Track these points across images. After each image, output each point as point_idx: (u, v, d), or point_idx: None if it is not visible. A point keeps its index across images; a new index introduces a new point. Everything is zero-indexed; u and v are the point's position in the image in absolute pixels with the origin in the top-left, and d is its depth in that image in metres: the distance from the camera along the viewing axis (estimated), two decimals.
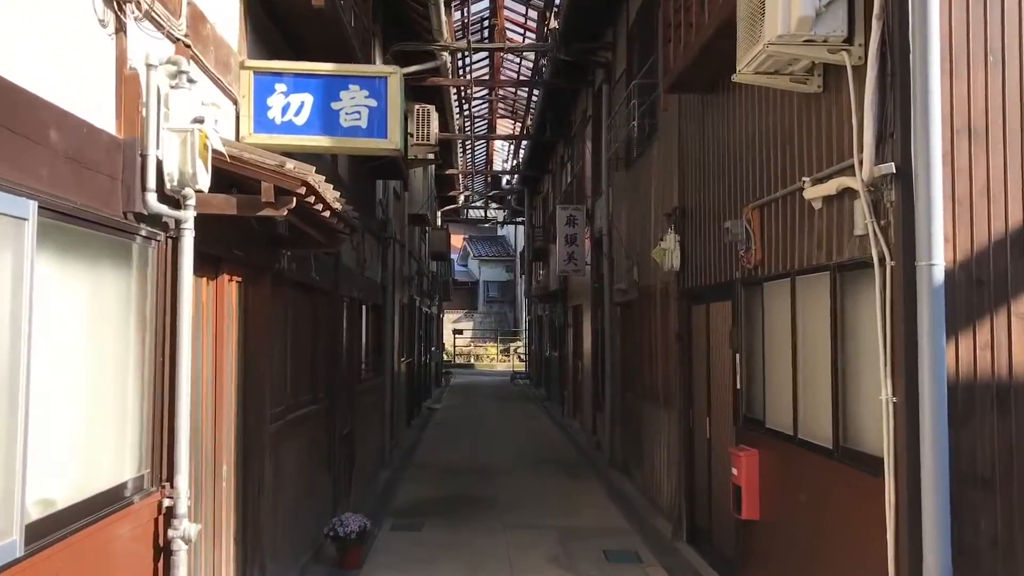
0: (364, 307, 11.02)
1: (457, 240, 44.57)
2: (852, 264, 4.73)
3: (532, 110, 19.42)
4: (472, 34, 17.13)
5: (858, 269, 4.68)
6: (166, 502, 3.90)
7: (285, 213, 4.26)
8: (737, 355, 6.73)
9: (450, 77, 15.07)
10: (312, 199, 4.37)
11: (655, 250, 8.49)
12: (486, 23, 17.24)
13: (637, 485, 10.74)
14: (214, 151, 3.86)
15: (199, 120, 3.65)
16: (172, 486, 3.92)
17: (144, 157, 3.58)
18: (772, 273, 5.98)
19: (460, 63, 18.00)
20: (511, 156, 24.10)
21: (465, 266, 45.31)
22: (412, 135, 15.12)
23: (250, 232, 5.26)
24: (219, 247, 4.82)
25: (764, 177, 6.12)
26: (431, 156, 15.80)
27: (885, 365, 4.25)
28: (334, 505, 8.38)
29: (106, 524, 3.51)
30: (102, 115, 3.38)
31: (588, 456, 13.44)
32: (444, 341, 33.36)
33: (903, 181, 4.16)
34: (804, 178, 5.19)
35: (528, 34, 17.65)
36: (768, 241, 6.05)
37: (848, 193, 4.72)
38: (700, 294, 7.82)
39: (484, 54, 18.51)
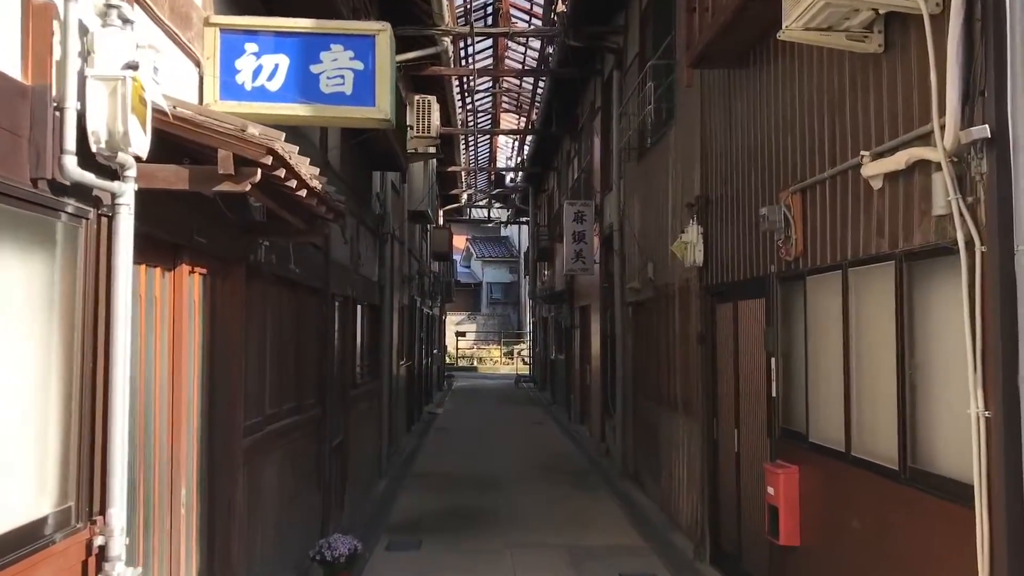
0: (359, 307, 10.29)
1: (460, 241, 43.87)
2: (925, 251, 3.98)
3: (537, 103, 18.69)
4: (475, 20, 16.41)
5: (933, 257, 3.93)
6: (97, 540, 3.17)
7: (248, 188, 3.53)
8: (772, 359, 5.99)
9: (452, 66, 14.35)
10: (282, 172, 3.63)
11: (675, 244, 7.75)
12: (489, 8, 16.51)
13: (652, 497, 9.99)
14: (155, 108, 3.14)
15: (132, 66, 2.93)
16: (104, 521, 3.19)
17: (61, 111, 2.85)
18: (817, 265, 5.23)
19: (463, 51, 17.29)
20: (515, 153, 23.37)
21: (468, 267, 44.59)
22: (412, 127, 14.41)
23: (218, 217, 4.54)
24: (177, 232, 4.10)
25: (807, 156, 5.38)
26: (432, 150, 15.09)
27: (974, 372, 3.50)
28: (324, 523, 7.64)
29: (18, 571, 2.79)
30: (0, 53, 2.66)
31: (598, 465, 12.69)
32: (446, 344, 32.62)
33: (998, 148, 3.42)
34: (862, 153, 4.44)
35: (534, 21, 16.91)
36: (812, 229, 5.31)
37: (919, 167, 3.98)
38: (726, 291, 7.08)
39: (488, 43, 17.79)
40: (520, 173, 23.66)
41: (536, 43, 16.69)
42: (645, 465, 10.60)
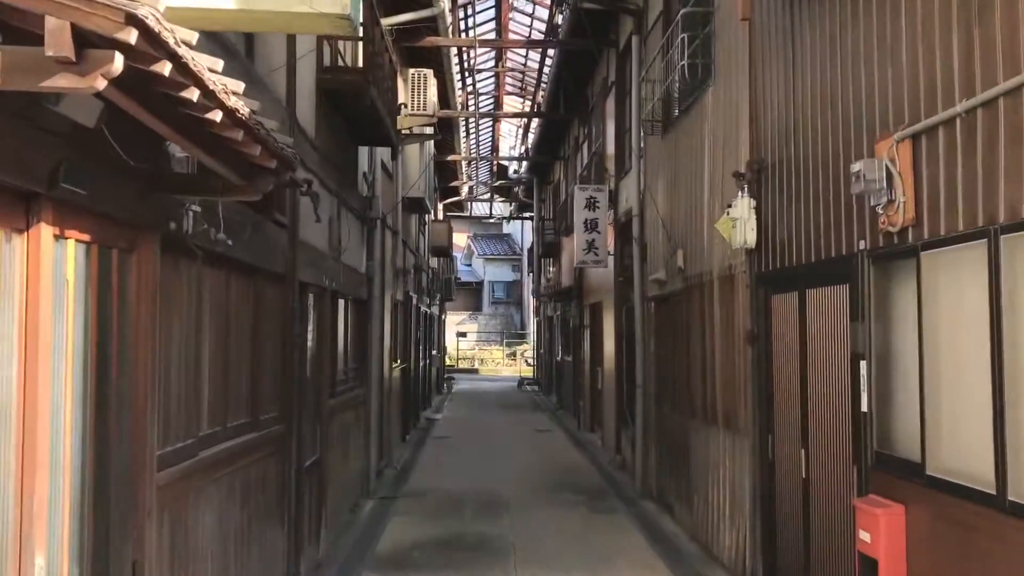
0: (342, 302, 8.92)
1: (461, 239, 42.52)
2: None
3: (544, 84, 17.31)
4: None
5: None
6: None
7: (100, 86, 2.14)
8: (861, 363, 4.61)
9: (451, 36, 12.98)
10: (165, 66, 2.24)
11: (720, 222, 6.36)
12: None
13: (681, 524, 8.60)
14: None
15: None
16: None
17: None
18: (941, 236, 3.85)
19: (463, 22, 15.93)
20: (519, 142, 22.01)
21: (469, 265, 43.22)
22: (405, 105, 13.04)
23: (109, 161, 3.16)
24: (24, 173, 2.72)
25: (922, 90, 4.00)
26: (428, 130, 13.72)
27: None
28: (289, 562, 6.26)
29: None
30: None
31: (613, 481, 11.30)
32: (446, 344, 31.24)
33: None
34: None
35: None
36: (931, 187, 3.93)
37: None
38: (789, 277, 5.70)
39: (491, 11, 16.43)
40: (524, 163, 22.28)
41: (543, 12, 15.30)
42: (671, 485, 9.22)
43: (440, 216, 24.46)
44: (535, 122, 19.49)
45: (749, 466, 6.35)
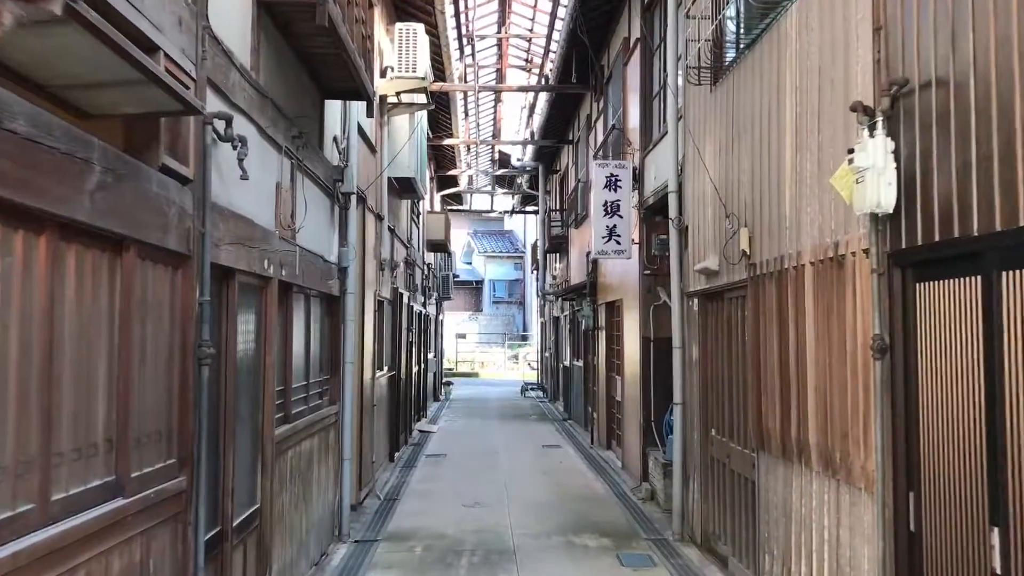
0: (302, 297, 6.91)
1: (460, 236, 40.53)
2: None
3: (552, 52, 15.27)
4: None
5: None
6: None
7: None
8: None
9: None
10: None
11: (837, 175, 4.32)
12: None
13: None
14: None
15: None
16: None
17: None
18: None
19: None
20: (523, 126, 20.00)
21: (469, 263, 41.19)
22: (392, 68, 11.04)
23: None
24: None
25: None
26: (420, 98, 11.70)
27: None
28: None
29: None
30: None
31: (643, 517, 9.27)
32: (444, 347, 29.19)
33: None
34: None
35: None
36: None
37: None
38: (957, 257, 3.68)
39: None
40: (528, 148, 20.25)
41: None
42: (724, 530, 7.21)
43: (437, 207, 22.44)
44: (541, 103, 17.48)
45: (873, 533, 4.33)
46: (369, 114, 8.07)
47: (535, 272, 27.76)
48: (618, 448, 12.98)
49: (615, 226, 10.61)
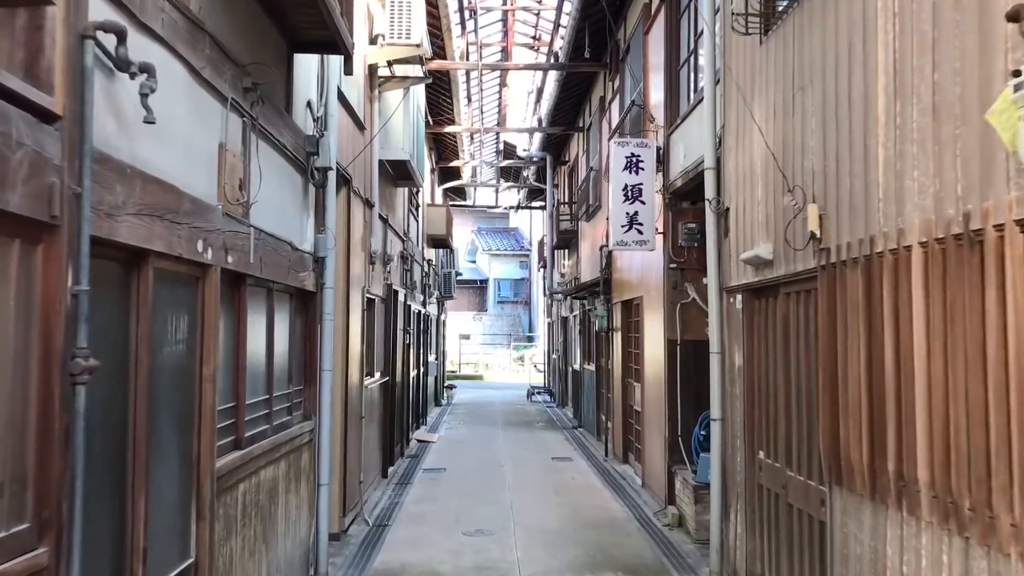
0: (263, 292, 5.64)
1: (464, 233, 39.27)
2: None
3: (563, 26, 13.97)
4: None
5: None
6: None
7: None
8: None
9: None
10: None
11: (995, 109, 3.02)
12: None
13: None
14: None
15: None
16: None
17: None
18: None
19: None
20: (530, 113, 18.70)
21: (473, 262, 39.90)
22: (382, 36, 9.77)
23: None
24: None
25: None
26: (416, 70, 10.42)
27: None
28: None
29: None
30: None
31: (672, 550, 7.98)
32: (447, 349, 27.89)
33: None
34: None
35: None
36: None
37: None
38: None
39: None
40: (536, 136, 18.97)
41: None
42: (780, 574, 5.92)
43: (438, 201, 21.16)
44: (550, 86, 16.17)
45: None
46: (347, 71, 6.77)
47: (542, 270, 26.48)
48: (637, 463, 11.68)
49: (636, 213, 9.32)
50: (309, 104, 6.78)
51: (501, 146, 21.90)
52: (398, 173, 11.62)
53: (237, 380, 5.07)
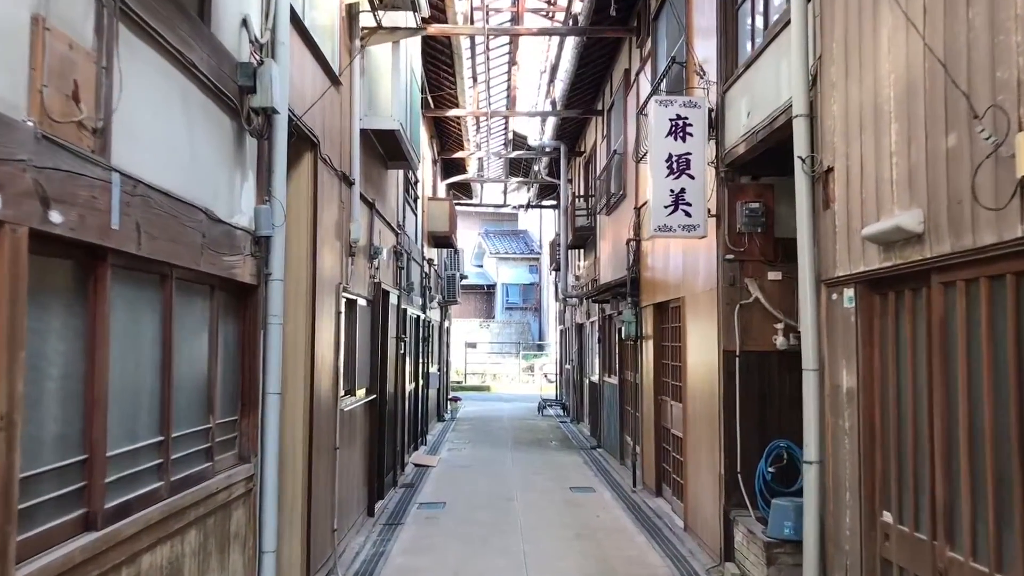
0: (159, 280, 3.71)
1: (470, 236, 37.38)
2: None
3: None
4: None
5: None
6: None
7: None
8: None
9: None
10: None
11: None
12: None
13: None
14: None
15: None
16: None
17: None
18: None
19: None
20: (543, 96, 16.78)
21: (480, 265, 37.97)
22: None
23: None
24: None
25: None
26: (408, 19, 8.51)
27: None
28: None
29: None
30: None
31: None
32: (451, 359, 25.89)
33: None
34: None
35: None
36: None
37: None
38: None
39: None
40: (549, 122, 17.04)
41: None
42: None
43: (441, 193, 19.25)
44: (566, 62, 14.23)
45: None
46: None
47: (554, 273, 24.53)
48: (675, 499, 9.70)
49: (683, 191, 7.37)
50: (246, 22, 4.85)
51: (510, 135, 20.00)
52: (389, 151, 9.71)
53: (91, 419, 3.14)
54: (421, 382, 15.70)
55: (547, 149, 18.77)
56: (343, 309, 7.77)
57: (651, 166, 7.47)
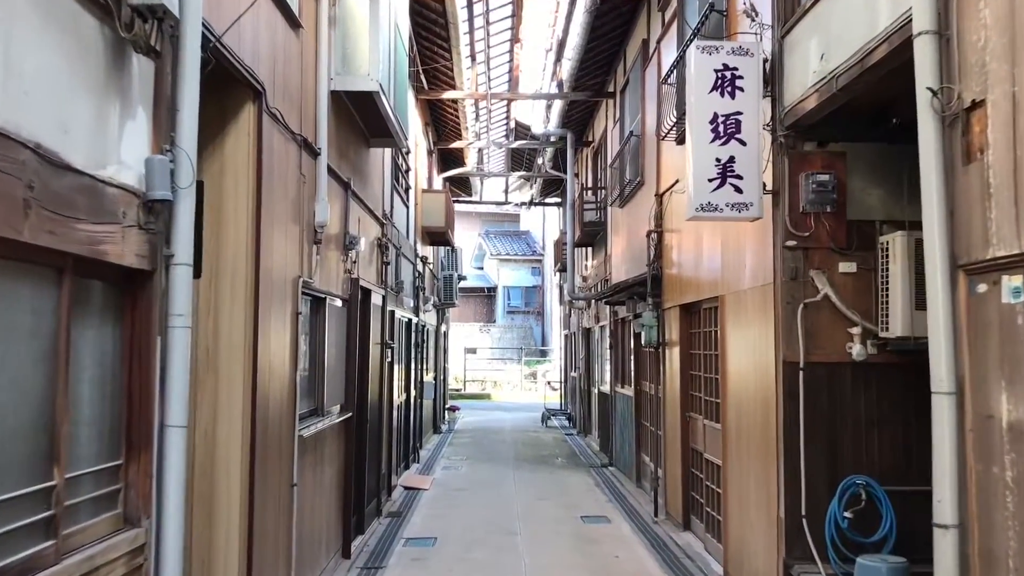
0: None
1: (470, 237, 35.90)
2: None
3: None
4: None
5: None
6: None
7: None
8: None
9: None
10: None
11: None
12: None
13: None
14: None
15: None
16: None
17: None
18: None
19: None
20: (549, 78, 15.33)
21: (481, 267, 36.45)
22: None
23: None
24: None
25: None
26: None
27: None
28: None
29: None
30: None
31: None
32: (449, 365, 24.35)
33: None
34: None
35: None
36: None
37: None
38: None
39: None
40: (556, 106, 15.55)
41: None
42: None
43: (438, 185, 17.74)
44: (574, 37, 12.74)
45: None
46: None
47: (559, 274, 23.02)
48: (709, 536, 8.17)
49: (732, 159, 5.84)
50: None
51: (512, 124, 18.49)
52: (370, 124, 8.20)
53: None
54: (414, 392, 14.17)
55: (552, 138, 17.27)
56: (304, 310, 6.25)
57: (691, 129, 5.94)
